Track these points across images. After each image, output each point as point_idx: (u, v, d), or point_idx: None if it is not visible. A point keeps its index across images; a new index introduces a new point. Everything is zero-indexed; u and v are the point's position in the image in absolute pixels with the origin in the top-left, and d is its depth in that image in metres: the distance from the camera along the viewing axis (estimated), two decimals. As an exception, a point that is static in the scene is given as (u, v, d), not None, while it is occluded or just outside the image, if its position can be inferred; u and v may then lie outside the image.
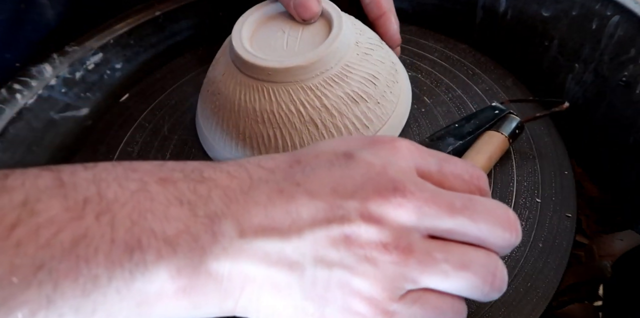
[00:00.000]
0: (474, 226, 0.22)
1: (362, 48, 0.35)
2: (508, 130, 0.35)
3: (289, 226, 0.21)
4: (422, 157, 0.24)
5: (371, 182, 0.21)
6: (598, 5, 0.39)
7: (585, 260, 0.38)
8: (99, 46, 0.46)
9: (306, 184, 0.22)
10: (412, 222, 0.21)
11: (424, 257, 0.21)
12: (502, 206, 0.23)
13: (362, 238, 0.21)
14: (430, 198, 0.21)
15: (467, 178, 0.24)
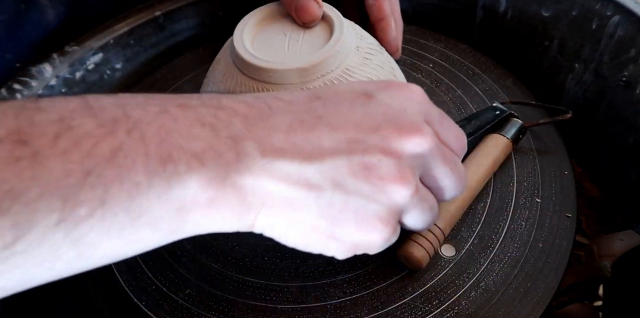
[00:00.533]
0: (449, 179, 0.25)
1: (363, 53, 0.35)
2: (512, 134, 0.35)
3: (310, 152, 0.22)
4: (429, 106, 0.26)
5: (391, 121, 0.23)
6: (598, 5, 0.39)
7: (585, 260, 0.38)
8: (99, 46, 0.46)
9: (327, 117, 0.23)
10: (422, 160, 0.24)
11: (423, 196, 0.24)
12: (462, 168, 0.26)
13: (382, 171, 0.22)
14: (438, 143, 0.24)
15: (457, 135, 0.26)
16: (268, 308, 0.30)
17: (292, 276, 0.32)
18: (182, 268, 0.33)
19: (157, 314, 0.31)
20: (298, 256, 0.32)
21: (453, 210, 0.31)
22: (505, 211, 0.34)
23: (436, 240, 0.30)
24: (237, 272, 0.32)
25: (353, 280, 0.31)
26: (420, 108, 0.25)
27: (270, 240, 0.33)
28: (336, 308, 0.30)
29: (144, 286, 0.32)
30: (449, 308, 0.30)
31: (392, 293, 0.30)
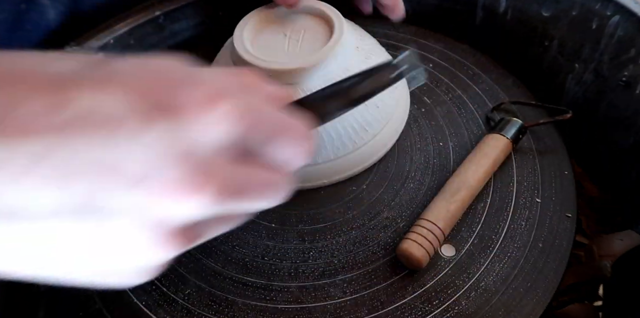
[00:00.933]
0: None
1: (363, 52, 0.35)
2: (512, 134, 0.35)
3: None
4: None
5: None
6: (598, 5, 0.39)
7: (585, 260, 0.38)
8: (99, 46, 0.46)
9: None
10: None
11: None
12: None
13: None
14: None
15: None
16: (268, 308, 0.30)
17: (292, 276, 0.32)
18: (182, 268, 0.33)
19: (157, 314, 0.31)
20: (298, 256, 0.32)
21: (453, 210, 0.31)
22: (505, 211, 0.34)
23: (436, 240, 0.30)
24: (237, 272, 0.32)
25: (353, 280, 0.31)
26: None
27: (270, 240, 0.33)
28: (336, 308, 0.30)
29: (144, 286, 0.32)
30: (449, 308, 0.30)
31: (392, 293, 0.30)
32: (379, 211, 0.34)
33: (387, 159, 0.37)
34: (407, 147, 0.38)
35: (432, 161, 0.37)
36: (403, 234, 0.32)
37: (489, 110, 0.39)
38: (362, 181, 0.36)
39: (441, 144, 0.38)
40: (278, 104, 0.21)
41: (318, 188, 0.36)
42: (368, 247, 0.32)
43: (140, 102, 0.17)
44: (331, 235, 0.33)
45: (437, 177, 0.36)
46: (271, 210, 0.35)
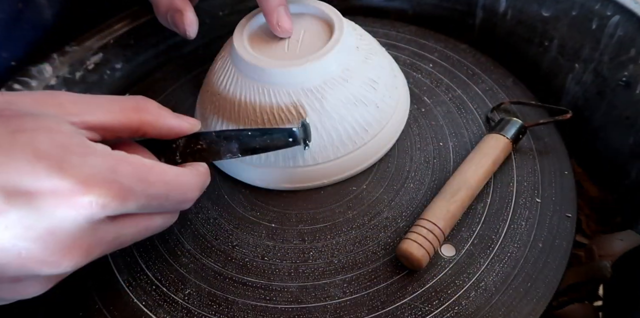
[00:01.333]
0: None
1: (363, 53, 0.35)
2: (512, 134, 0.35)
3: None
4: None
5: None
6: (598, 5, 0.39)
7: (585, 260, 0.38)
8: (99, 46, 0.46)
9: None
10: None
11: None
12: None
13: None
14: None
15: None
16: (268, 308, 0.30)
17: (292, 276, 0.32)
18: (182, 268, 0.33)
19: (157, 314, 0.31)
20: (298, 256, 0.32)
21: (453, 210, 0.31)
22: (505, 211, 0.34)
23: (436, 240, 0.30)
24: (237, 272, 0.32)
25: (353, 280, 0.31)
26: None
27: (270, 240, 0.33)
28: (336, 308, 0.30)
29: (144, 286, 0.32)
30: (449, 308, 0.30)
31: (392, 293, 0.30)
32: (379, 211, 0.34)
33: (387, 159, 0.37)
34: (407, 147, 0.38)
35: (432, 161, 0.37)
36: (403, 234, 0.32)
37: (489, 110, 0.39)
38: (362, 181, 0.36)
39: (441, 143, 0.38)
40: (149, 176, 0.25)
41: (318, 188, 0.36)
42: (368, 247, 0.32)
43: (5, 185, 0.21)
44: (331, 235, 0.33)
45: (437, 177, 0.36)
46: (271, 210, 0.35)
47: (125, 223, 0.25)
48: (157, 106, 0.28)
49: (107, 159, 0.24)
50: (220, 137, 0.30)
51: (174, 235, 0.34)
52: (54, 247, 0.22)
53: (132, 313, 0.31)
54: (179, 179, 0.26)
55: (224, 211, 0.35)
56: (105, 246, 0.25)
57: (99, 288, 0.33)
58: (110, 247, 0.25)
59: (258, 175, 0.35)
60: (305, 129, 0.30)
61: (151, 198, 0.25)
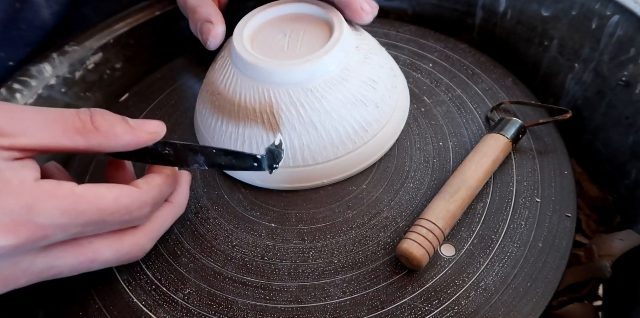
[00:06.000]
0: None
1: (363, 52, 0.35)
2: (512, 134, 0.35)
3: None
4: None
5: None
6: (598, 5, 0.39)
7: (585, 260, 0.38)
8: (99, 46, 0.46)
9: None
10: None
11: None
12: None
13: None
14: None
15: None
16: (268, 308, 0.30)
17: (292, 276, 0.32)
18: (182, 268, 0.33)
19: (157, 314, 0.31)
20: (298, 256, 0.32)
21: (453, 210, 0.31)
22: (505, 211, 0.34)
23: (436, 240, 0.30)
24: (237, 272, 0.32)
25: (353, 280, 0.31)
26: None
27: (270, 240, 0.33)
28: (336, 308, 0.30)
29: (144, 286, 0.32)
30: (449, 308, 0.30)
31: (392, 293, 0.30)
32: (379, 211, 0.34)
33: (387, 159, 0.37)
34: (407, 147, 0.38)
35: (432, 161, 0.37)
36: (403, 234, 0.32)
37: (489, 110, 0.39)
38: (362, 181, 0.36)
39: (441, 144, 0.38)
40: (78, 207, 0.23)
41: (318, 188, 0.36)
42: (368, 247, 0.32)
43: None
44: (331, 235, 0.33)
45: (437, 177, 0.36)
46: (271, 210, 0.35)
47: (59, 252, 0.24)
48: (110, 123, 0.25)
49: (23, 196, 0.22)
50: (186, 148, 0.29)
51: (174, 235, 0.34)
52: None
53: (132, 313, 0.31)
54: (118, 203, 0.25)
55: (224, 211, 0.35)
56: (31, 276, 0.24)
57: (99, 288, 0.33)
58: (42, 277, 0.25)
59: (258, 175, 0.35)
60: (273, 153, 0.29)
61: (83, 226, 0.24)
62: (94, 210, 0.24)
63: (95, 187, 0.24)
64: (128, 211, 0.25)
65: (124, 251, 0.27)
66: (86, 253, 0.25)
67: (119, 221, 0.25)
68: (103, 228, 0.25)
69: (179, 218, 0.34)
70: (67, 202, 0.23)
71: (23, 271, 0.24)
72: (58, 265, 0.25)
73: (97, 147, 0.25)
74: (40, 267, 0.24)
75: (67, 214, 0.23)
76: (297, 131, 0.33)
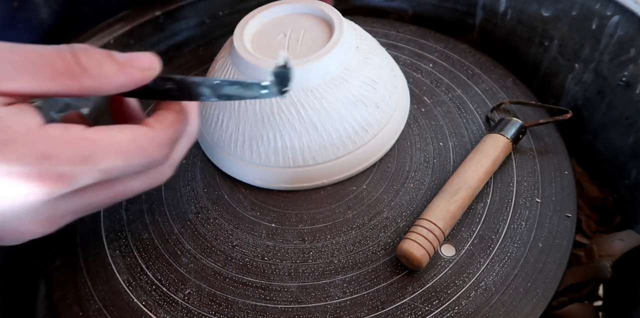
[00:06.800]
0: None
1: (363, 52, 0.35)
2: (512, 133, 0.35)
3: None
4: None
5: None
6: (598, 5, 0.39)
7: (585, 260, 0.38)
8: (99, 46, 0.46)
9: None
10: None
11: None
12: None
13: None
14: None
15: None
16: (268, 308, 0.30)
17: (292, 276, 0.32)
18: (182, 268, 0.33)
19: (157, 314, 0.31)
20: (298, 256, 0.32)
21: (453, 210, 0.31)
22: (505, 211, 0.34)
23: (436, 240, 0.30)
24: (237, 272, 0.32)
25: (353, 280, 0.31)
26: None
27: (270, 240, 0.33)
28: (336, 308, 0.30)
29: (144, 286, 0.32)
30: (449, 308, 0.30)
31: (392, 293, 0.30)
32: (379, 211, 0.34)
33: (387, 159, 0.37)
34: (407, 147, 0.38)
35: (432, 161, 0.37)
36: (403, 234, 0.32)
37: (489, 110, 0.39)
38: (362, 181, 0.36)
39: (441, 144, 0.38)
40: (95, 152, 0.23)
41: (318, 188, 0.36)
42: (368, 247, 0.32)
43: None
44: (331, 235, 0.33)
45: (437, 177, 0.36)
46: (271, 210, 0.35)
47: (92, 192, 0.24)
48: (96, 62, 0.23)
49: (35, 144, 0.21)
50: (188, 81, 0.27)
51: (174, 235, 0.34)
52: (9, 231, 0.23)
53: (132, 313, 0.31)
54: (135, 144, 0.24)
55: (224, 211, 0.35)
56: (74, 214, 0.25)
57: (99, 288, 0.33)
58: (80, 213, 0.25)
59: (258, 175, 0.35)
60: (280, 76, 0.26)
61: (107, 171, 0.23)
62: (114, 154, 0.23)
63: (107, 130, 0.23)
64: (147, 153, 0.24)
65: (150, 181, 0.27)
66: (117, 188, 0.25)
67: (140, 164, 0.24)
68: (127, 172, 0.24)
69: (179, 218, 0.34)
70: (83, 147, 0.22)
71: (64, 211, 0.24)
72: (95, 202, 0.25)
73: (89, 91, 0.23)
74: (78, 206, 0.24)
75: (86, 160, 0.22)
76: (297, 131, 0.33)
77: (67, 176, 0.22)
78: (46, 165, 0.21)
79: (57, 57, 0.22)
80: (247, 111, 0.33)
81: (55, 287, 0.34)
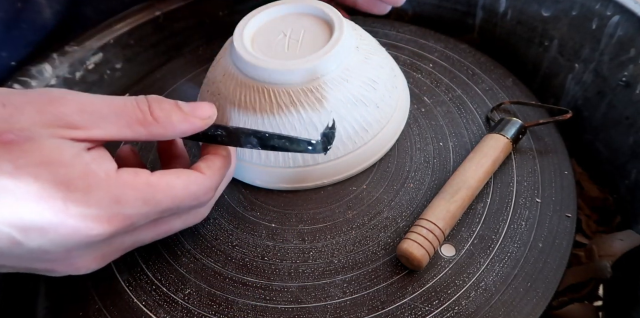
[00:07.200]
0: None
1: (363, 52, 0.35)
2: (512, 134, 0.35)
3: None
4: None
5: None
6: (598, 5, 0.39)
7: (585, 260, 0.38)
8: (99, 46, 0.46)
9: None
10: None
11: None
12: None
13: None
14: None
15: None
16: (268, 308, 0.30)
17: (292, 276, 0.32)
18: (182, 268, 0.33)
19: (157, 314, 0.31)
20: (298, 256, 0.32)
21: (453, 210, 0.31)
22: (505, 211, 0.34)
23: (436, 240, 0.30)
24: (237, 272, 0.32)
25: (353, 280, 0.31)
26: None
27: (270, 240, 0.33)
28: (336, 308, 0.30)
29: (144, 286, 0.32)
30: (449, 308, 0.30)
31: (392, 293, 0.30)
32: (379, 211, 0.34)
33: (387, 159, 0.37)
34: (407, 147, 0.38)
35: (432, 161, 0.37)
36: (403, 234, 0.32)
37: (489, 110, 0.39)
38: (362, 181, 0.36)
39: (441, 144, 0.38)
40: (155, 196, 0.26)
41: (318, 188, 0.36)
42: (368, 247, 0.32)
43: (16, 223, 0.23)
44: (331, 235, 0.33)
45: (437, 177, 0.36)
46: (271, 210, 0.35)
47: (143, 231, 0.27)
48: (166, 113, 0.27)
49: (111, 189, 0.24)
50: (238, 131, 0.29)
51: (174, 235, 0.34)
52: (70, 264, 0.26)
53: (132, 313, 0.31)
54: (188, 190, 0.27)
55: (224, 211, 0.35)
56: (122, 251, 0.28)
57: (99, 288, 0.33)
58: (128, 250, 0.28)
59: (258, 175, 0.35)
60: (327, 136, 0.29)
61: (161, 213, 0.26)
62: (169, 198, 0.26)
63: (167, 175, 0.26)
64: (196, 197, 0.27)
65: (190, 221, 0.30)
66: (163, 227, 0.28)
67: (188, 206, 0.27)
68: (176, 213, 0.28)
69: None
70: (147, 192, 0.25)
71: (116, 248, 0.27)
72: (141, 239, 0.28)
73: (155, 137, 0.27)
74: (128, 244, 0.27)
75: (148, 204, 0.25)
76: (297, 131, 0.33)
77: (130, 218, 0.25)
78: (117, 208, 0.24)
79: (136, 107, 0.26)
80: (246, 111, 0.33)
81: (55, 287, 0.34)
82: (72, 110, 0.24)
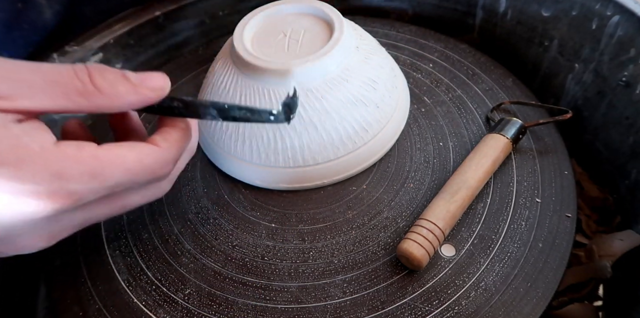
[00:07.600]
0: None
1: (363, 53, 0.35)
2: (512, 134, 0.35)
3: None
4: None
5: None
6: (598, 5, 0.39)
7: (585, 260, 0.38)
8: (99, 46, 0.46)
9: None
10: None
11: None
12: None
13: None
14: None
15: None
16: (268, 308, 0.30)
17: (292, 276, 0.32)
18: (182, 268, 0.33)
19: (157, 314, 0.31)
20: (298, 256, 0.32)
21: (453, 210, 0.31)
22: (505, 211, 0.34)
23: (436, 240, 0.30)
24: (237, 272, 0.32)
25: (353, 280, 0.31)
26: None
27: (270, 240, 0.33)
28: (336, 308, 0.30)
29: (144, 286, 0.32)
30: (449, 308, 0.30)
31: (392, 293, 0.30)
32: (379, 211, 0.34)
33: (387, 159, 0.37)
34: (407, 147, 0.38)
35: (432, 161, 0.37)
36: (403, 234, 0.32)
37: (489, 110, 0.39)
38: (362, 181, 0.36)
39: (441, 144, 0.38)
40: (104, 170, 0.23)
41: (318, 188, 0.36)
42: (368, 247, 0.32)
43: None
44: (331, 235, 0.33)
45: (437, 177, 0.36)
46: (271, 210, 0.35)
47: (94, 207, 0.25)
48: (110, 82, 0.24)
49: (49, 163, 0.22)
50: (196, 102, 0.27)
51: (174, 235, 0.34)
52: (12, 244, 0.24)
53: (132, 313, 0.31)
54: (142, 163, 0.24)
55: (224, 211, 0.35)
56: (73, 228, 0.26)
57: (99, 288, 0.33)
58: (79, 227, 0.26)
59: (258, 175, 0.35)
60: (289, 106, 0.27)
61: (112, 187, 0.24)
62: (120, 172, 0.24)
63: (117, 148, 0.24)
64: (152, 170, 0.25)
65: (149, 196, 0.28)
66: (117, 203, 0.26)
67: (144, 180, 0.25)
68: (130, 187, 0.25)
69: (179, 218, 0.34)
70: (93, 166, 0.23)
71: (65, 226, 0.25)
72: (94, 216, 0.26)
73: (101, 108, 0.24)
74: (79, 220, 0.25)
75: (95, 178, 0.23)
76: (297, 131, 0.33)
77: (75, 193, 0.22)
78: (58, 183, 0.22)
79: (73, 76, 0.23)
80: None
81: (55, 287, 0.34)
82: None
